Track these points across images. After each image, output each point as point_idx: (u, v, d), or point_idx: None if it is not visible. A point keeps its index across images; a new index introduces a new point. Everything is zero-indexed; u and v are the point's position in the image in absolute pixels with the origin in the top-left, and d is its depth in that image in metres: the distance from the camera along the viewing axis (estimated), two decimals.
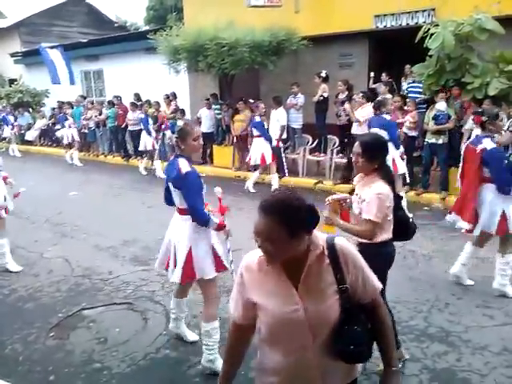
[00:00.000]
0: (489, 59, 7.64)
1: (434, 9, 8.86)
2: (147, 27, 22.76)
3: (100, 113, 13.24)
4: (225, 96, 11.48)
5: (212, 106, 11.28)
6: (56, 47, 15.07)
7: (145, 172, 11.20)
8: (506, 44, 7.67)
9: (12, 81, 19.20)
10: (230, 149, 10.76)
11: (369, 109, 8.11)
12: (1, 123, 16.40)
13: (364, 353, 1.75)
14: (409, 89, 9.06)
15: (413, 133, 8.12)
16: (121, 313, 4.32)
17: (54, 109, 15.79)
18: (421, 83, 8.41)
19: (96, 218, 7.38)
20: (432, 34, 7.41)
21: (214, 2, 11.36)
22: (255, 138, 8.84)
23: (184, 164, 3.14)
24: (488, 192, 4.23)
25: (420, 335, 3.73)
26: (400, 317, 3.93)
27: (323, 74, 9.54)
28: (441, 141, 7.51)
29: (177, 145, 3.26)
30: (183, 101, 12.65)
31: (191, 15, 12.61)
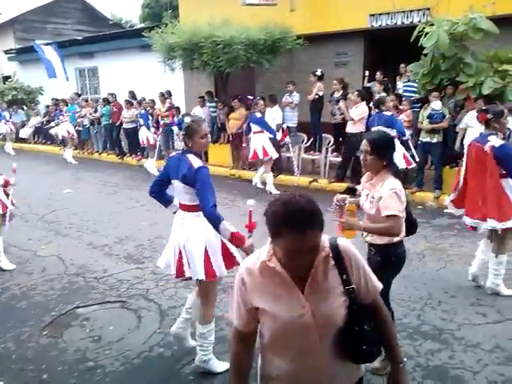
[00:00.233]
0: (483, 58, 7.67)
1: (429, 8, 8.90)
2: (142, 25, 22.66)
3: (95, 110, 13.19)
4: (220, 94, 11.47)
5: (206, 104, 11.26)
6: (50, 44, 14.97)
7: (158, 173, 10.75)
8: (500, 43, 7.72)
9: (6, 78, 19.10)
10: (225, 147, 10.74)
11: (363, 107, 8.13)
12: None
13: (374, 352, 1.77)
14: (404, 88, 9.09)
15: (407, 131, 8.12)
16: (115, 311, 4.32)
17: (49, 106, 15.71)
18: (415, 82, 8.44)
19: (90, 216, 7.36)
20: (427, 33, 7.44)
21: (210, 0, 11.37)
22: (255, 134, 8.73)
23: (195, 159, 3.10)
24: (507, 186, 4.18)
25: (413, 333, 3.75)
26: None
27: (318, 73, 9.56)
28: (435, 140, 7.53)
29: (184, 142, 3.24)
30: (178, 99, 12.64)
31: (186, 13, 12.60)
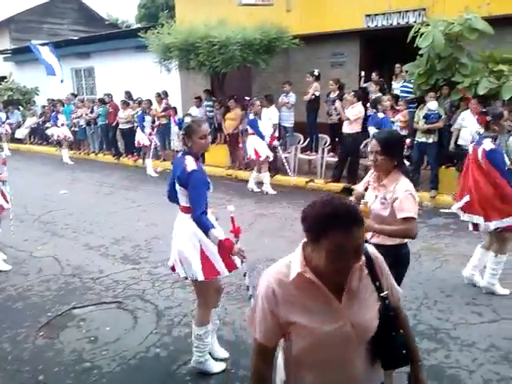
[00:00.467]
0: (478, 59, 7.71)
1: (425, 8, 8.93)
2: (139, 25, 22.62)
3: (91, 111, 13.16)
4: (217, 94, 11.47)
5: (203, 104, 11.26)
6: (47, 45, 14.93)
7: (155, 174, 10.57)
8: (496, 44, 7.77)
9: (2, 78, 19.02)
10: (222, 147, 10.74)
11: (359, 108, 8.15)
12: None
13: (408, 355, 1.78)
14: (400, 88, 9.11)
15: (403, 132, 8.16)
16: (111, 312, 4.31)
17: (45, 107, 15.66)
18: (411, 83, 8.46)
19: (86, 217, 7.34)
20: (422, 34, 7.46)
21: (206, 1, 11.37)
22: (250, 136, 8.74)
23: (190, 162, 3.09)
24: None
25: None
26: None
27: (316, 73, 9.57)
28: (431, 140, 7.56)
29: (183, 142, 3.23)
30: (175, 99, 12.63)
31: (182, 13, 12.59)
